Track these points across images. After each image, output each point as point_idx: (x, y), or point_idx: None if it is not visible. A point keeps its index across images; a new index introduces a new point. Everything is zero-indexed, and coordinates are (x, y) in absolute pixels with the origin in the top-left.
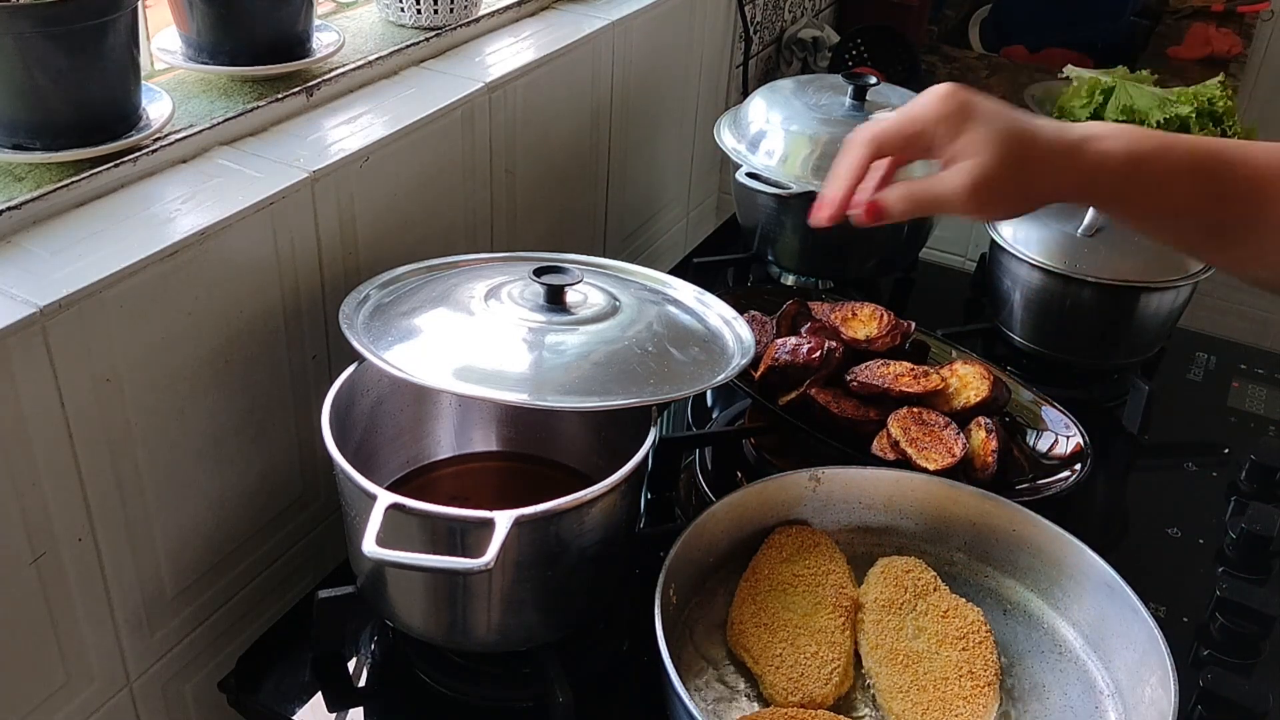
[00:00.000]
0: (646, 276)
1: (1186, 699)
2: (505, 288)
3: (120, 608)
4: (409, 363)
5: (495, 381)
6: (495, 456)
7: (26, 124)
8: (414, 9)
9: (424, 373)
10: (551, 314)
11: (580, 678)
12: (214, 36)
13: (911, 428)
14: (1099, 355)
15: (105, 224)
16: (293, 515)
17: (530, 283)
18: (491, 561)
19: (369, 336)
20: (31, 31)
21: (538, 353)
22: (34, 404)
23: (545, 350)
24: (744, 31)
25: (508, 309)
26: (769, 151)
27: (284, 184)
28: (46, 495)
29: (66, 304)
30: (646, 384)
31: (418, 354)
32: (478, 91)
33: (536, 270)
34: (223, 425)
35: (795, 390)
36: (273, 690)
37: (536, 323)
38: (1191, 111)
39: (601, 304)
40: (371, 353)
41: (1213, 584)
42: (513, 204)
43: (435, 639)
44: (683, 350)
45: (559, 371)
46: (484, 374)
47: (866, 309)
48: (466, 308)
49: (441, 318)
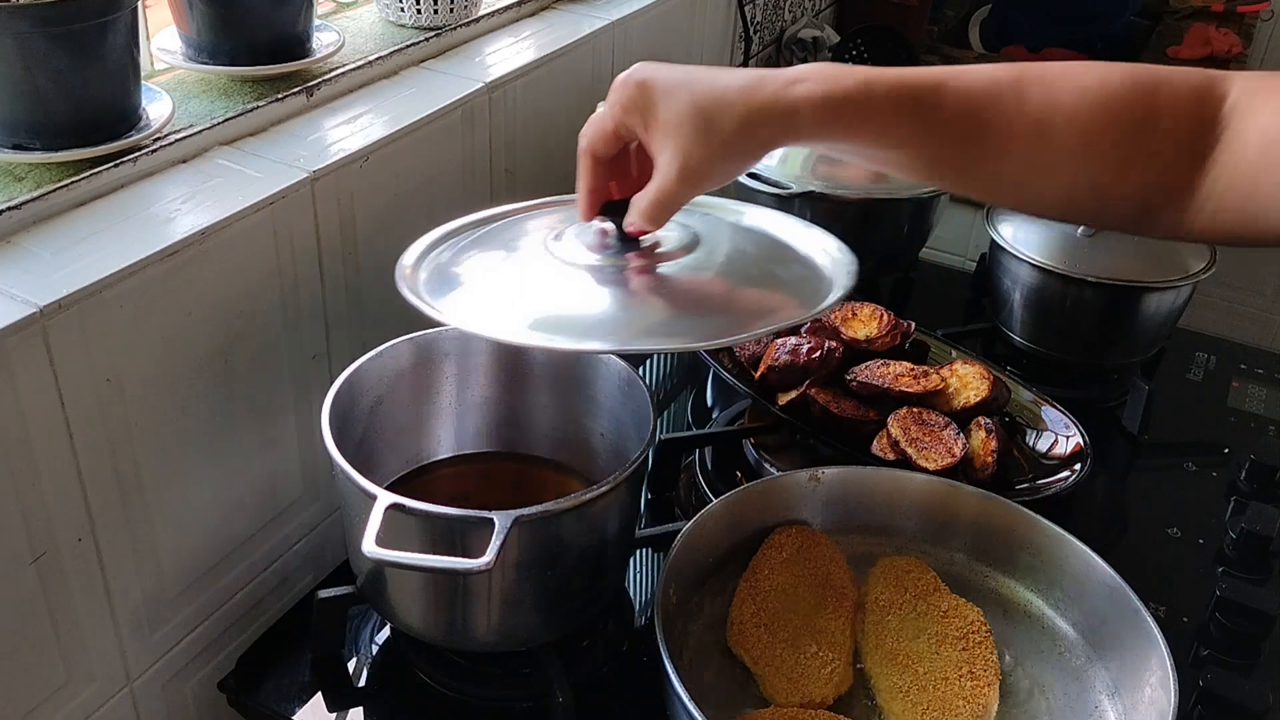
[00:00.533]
0: (717, 206)
1: (1186, 699)
2: (568, 231)
3: (120, 607)
4: (480, 319)
5: (578, 330)
6: (495, 456)
7: (26, 124)
8: (414, 9)
9: (499, 328)
10: (625, 251)
11: (580, 678)
12: (214, 36)
13: (911, 428)
14: (1099, 355)
15: (105, 224)
16: (293, 515)
17: (598, 223)
18: (491, 561)
19: (432, 296)
20: (31, 31)
21: (618, 294)
22: (34, 404)
23: (626, 290)
24: (744, 31)
25: (575, 251)
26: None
27: (284, 184)
28: (46, 495)
29: (66, 304)
30: (749, 314)
31: (488, 309)
32: (478, 91)
33: (603, 209)
34: (223, 425)
35: (795, 390)
36: (273, 690)
37: (611, 264)
38: None
39: (678, 236)
40: (438, 311)
41: (1213, 584)
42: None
43: (435, 639)
44: (785, 268)
45: (646, 312)
46: (564, 322)
47: (866, 309)
48: (531, 255)
49: (505, 268)
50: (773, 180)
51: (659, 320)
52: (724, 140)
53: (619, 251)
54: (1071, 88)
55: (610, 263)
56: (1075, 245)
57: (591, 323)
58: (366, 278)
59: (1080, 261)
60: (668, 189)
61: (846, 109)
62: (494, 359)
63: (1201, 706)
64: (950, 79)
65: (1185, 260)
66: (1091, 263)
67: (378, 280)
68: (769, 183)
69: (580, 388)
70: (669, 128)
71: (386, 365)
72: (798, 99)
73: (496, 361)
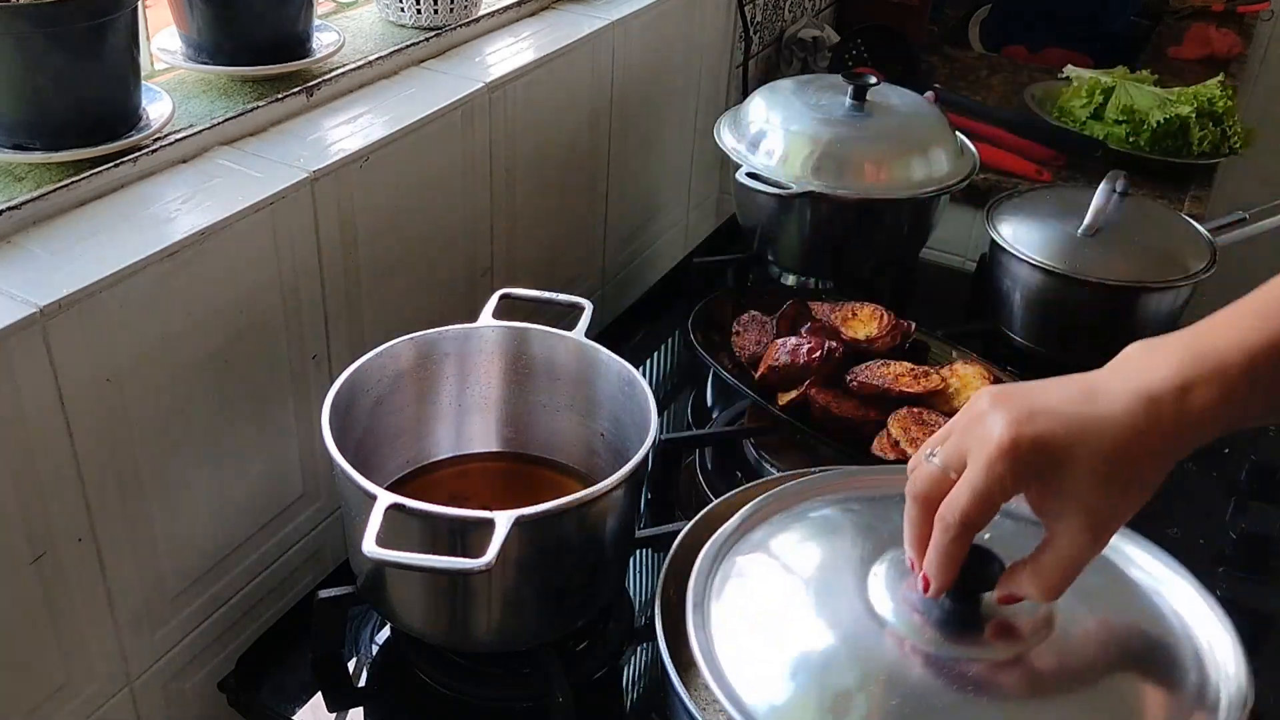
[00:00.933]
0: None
1: None
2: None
3: (120, 607)
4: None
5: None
6: (495, 456)
7: (26, 124)
8: (414, 9)
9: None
10: (963, 635)
11: (580, 678)
12: (214, 36)
13: (911, 428)
14: (1099, 355)
15: (105, 224)
16: (293, 515)
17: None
18: (491, 561)
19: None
20: (31, 31)
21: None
22: (34, 404)
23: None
24: (744, 31)
25: (907, 626)
26: (769, 151)
27: (284, 184)
28: (46, 495)
29: (66, 304)
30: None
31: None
32: (478, 91)
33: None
34: (223, 425)
35: (795, 390)
36: (273, 690)
37: (943, 654)
38: (1191, 112)
39: (1030, 603)
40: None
41: (1213, 583)
42: (513, 204)
43: (435, 639)
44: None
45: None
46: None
47: (866, 309)
48: (842, 606)
49: (804, 618)
50: (773, 180)
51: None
52: (1147, 489)
53: (954, 626)
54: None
55: (960, 655)
56: (1075, 245)
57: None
58: (366, 278)
59: (1080, 261)
60: (1080, 557)
61: (1243, 398)
62: (494, 359)
63: None
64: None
65: (1185, 260)
66: (1091, 263)
67: (378, 280)
68: (769, 183)
69: (580, 388)
70: (1077, 493)
71: (386, 365)
72: (1203, 415)
73: (497, 361)
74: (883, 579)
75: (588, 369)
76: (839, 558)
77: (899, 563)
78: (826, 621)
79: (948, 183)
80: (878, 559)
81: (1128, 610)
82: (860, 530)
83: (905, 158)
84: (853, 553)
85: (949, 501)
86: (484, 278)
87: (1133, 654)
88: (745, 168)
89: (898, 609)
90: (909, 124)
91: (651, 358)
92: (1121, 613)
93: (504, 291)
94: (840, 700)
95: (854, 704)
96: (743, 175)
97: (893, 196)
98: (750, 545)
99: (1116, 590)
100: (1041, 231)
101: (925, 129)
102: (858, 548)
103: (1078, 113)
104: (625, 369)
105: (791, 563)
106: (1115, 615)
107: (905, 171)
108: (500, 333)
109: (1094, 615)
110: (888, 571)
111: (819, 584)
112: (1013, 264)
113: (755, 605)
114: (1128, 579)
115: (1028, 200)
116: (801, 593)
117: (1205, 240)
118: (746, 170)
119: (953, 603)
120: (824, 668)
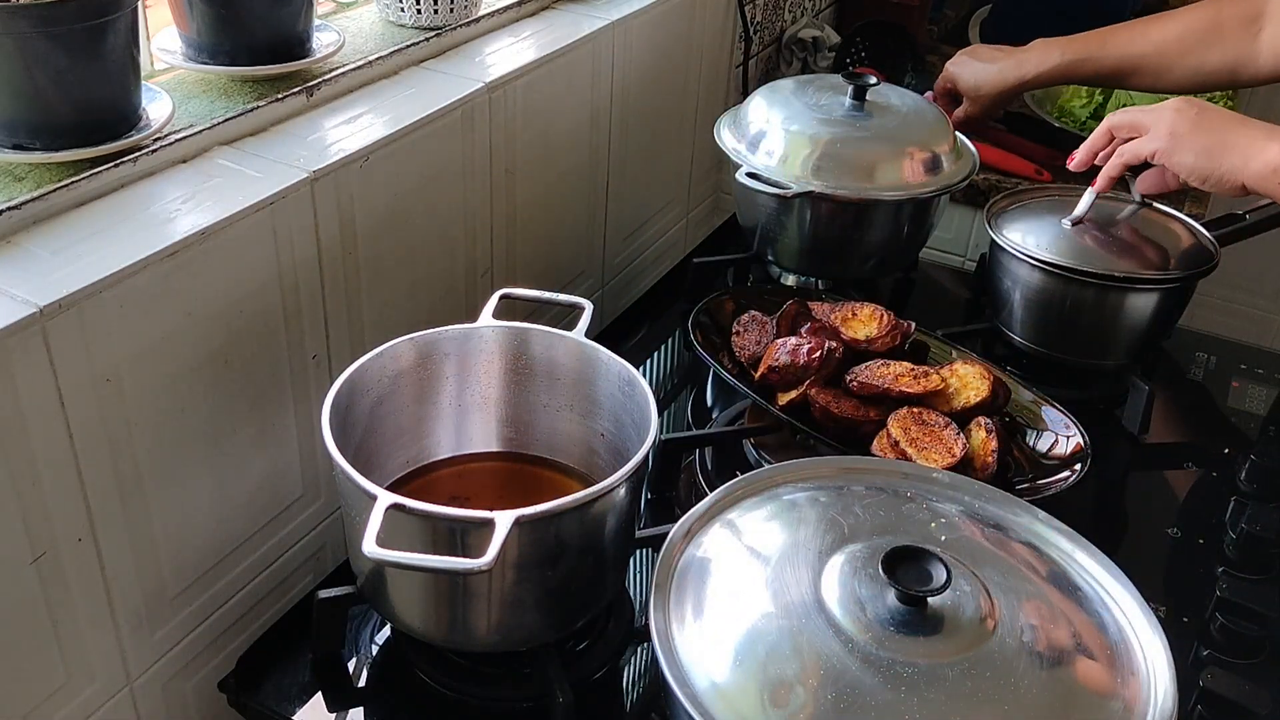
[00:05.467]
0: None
1: (1186, 699)
2: (848, 582)
3: (120, 607)
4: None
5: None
6: (495, 456)
7: (26, 124)
8: (414, 9)
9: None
10: (904, 635)
11: (580, 678)
12: (214, 36)
13: (911, 428)
14: (1099, 355)
15: (105, 224)
16: (293, 515)
17: (882, 584)
18: (491, 562)
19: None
20: (31, 31)
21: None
22: (34, 404)
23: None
24: (744, 31)
25: (853, 622)
26: (769, 151)
27: (284, 184)
28: (46, 495)
29: (66, 304)
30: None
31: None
32: (478, 91)
33: (887, 563)
34: (223, 425)
35: (795, 390)
36: (273, 690)
37: (883, 653)
38: None
39: (972, 608)
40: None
41: (1213, 584)
42: (512, 204)
43: (435, 639)
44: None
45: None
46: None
47: (866, 309)
48: (796, 608)
49: (761, 622)
50: (773, 180)
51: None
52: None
53: (898, 626)
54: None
55: (899, 654)
56: (1075, 245)
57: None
58: (366, 278)
59: (1080, 261)
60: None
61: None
62: (494, 359)
63: (1202, 707)
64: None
65: (1186, 259)
66: (1092, 262)
67: (378, 280)
68: (769, 183)
69: (580, 388)
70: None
71: (386, 365)
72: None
73: (497, 362)
74: (836, 573)
75: (588, 369)
76: (799, 548)
77: (855, 558)
78: (778, 611)
79: (948, 183)
80: (836, 551)
81: (1069, 620)
82: (824, 522)
83: (905, 158)
84: (812, 544)
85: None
86: (484, 278)
87: (1068, 663)
88: (745, 168)
89: (845, 604)
90: (909, 124)
91: (651, 358)
92: (1062, 622)
93: (504, 291)
94: (780, 690)
95: (793, 694)
96: (743, 175)
97: (893, 196)
98: (718, 530)
99: (1060, 598)
100: (1041, 231)
101: (925, 129)
102: (818, 539)
103: (1078, 113)
104: (625, 369)
105: (756, 546)
106: (1056, 624)
107: (905, 171)
108: (500, 333)
109: (1035, 622)
110: (842, 566)
111: (776, 573)
112: (1012, 264)
113: (714, 589)
114: (1074, 587)
115: (1028, 200)
116: (759, 580)
117: (1206, 239)
118: (746, 170)
119: (899, 603)
120: (768, 656)
